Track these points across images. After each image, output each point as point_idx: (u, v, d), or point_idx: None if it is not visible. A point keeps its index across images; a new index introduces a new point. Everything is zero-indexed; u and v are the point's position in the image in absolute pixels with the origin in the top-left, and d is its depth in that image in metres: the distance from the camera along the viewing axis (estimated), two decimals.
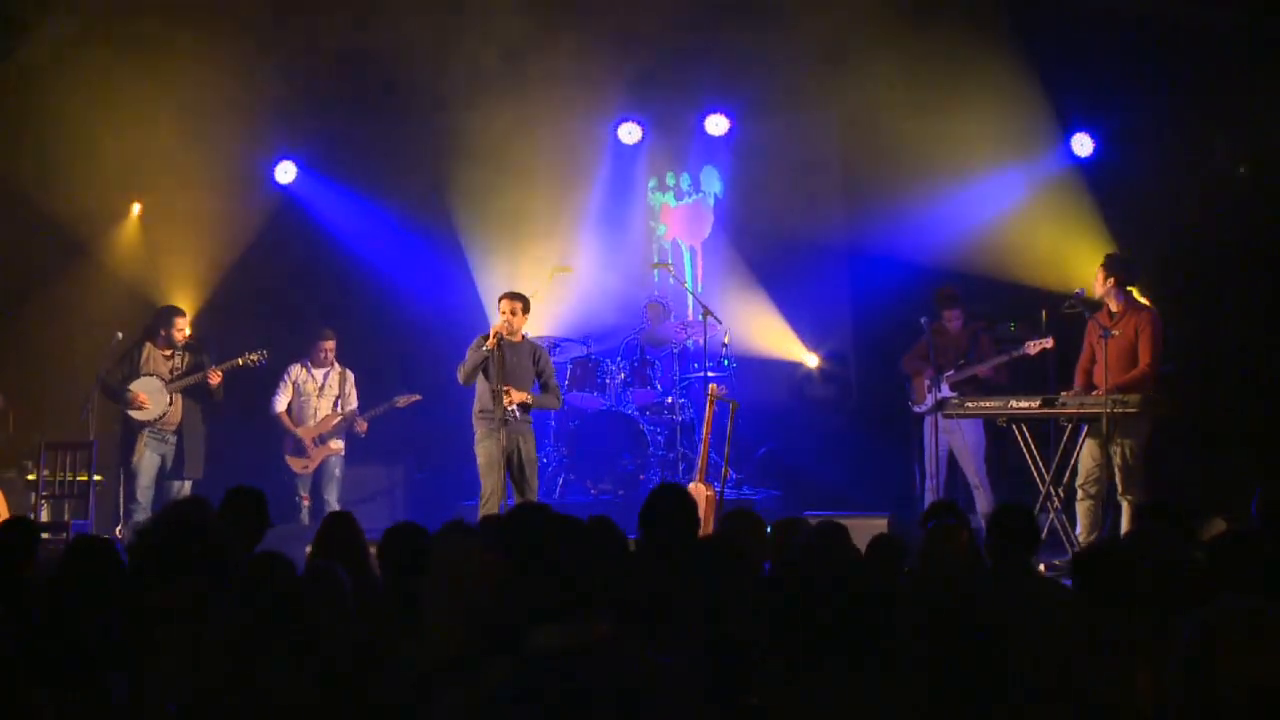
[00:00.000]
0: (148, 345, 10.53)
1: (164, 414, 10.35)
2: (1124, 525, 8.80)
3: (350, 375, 11.26)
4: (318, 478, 11.07)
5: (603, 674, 3.04)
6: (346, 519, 5.72)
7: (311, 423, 11.06)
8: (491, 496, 9.21)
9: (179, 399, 10.41)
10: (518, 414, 9.30)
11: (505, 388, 9.22)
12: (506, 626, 3.45)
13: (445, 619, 3.84)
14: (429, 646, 3.80)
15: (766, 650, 3.80)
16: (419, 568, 4.29)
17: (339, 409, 11.12)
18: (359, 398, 11.24)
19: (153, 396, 10.35)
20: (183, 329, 10.57)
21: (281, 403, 11.07)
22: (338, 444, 11.13)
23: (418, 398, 11.37)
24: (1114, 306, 9.28)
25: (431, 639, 3.82)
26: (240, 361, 10.46)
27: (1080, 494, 9.19)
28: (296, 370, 11.15)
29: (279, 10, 10.98)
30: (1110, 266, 9.37)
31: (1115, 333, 9.12)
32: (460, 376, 9.46)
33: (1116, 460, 9.00)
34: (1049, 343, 9.83)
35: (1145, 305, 9.49)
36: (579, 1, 11.85)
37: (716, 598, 4.34)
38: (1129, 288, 9.39)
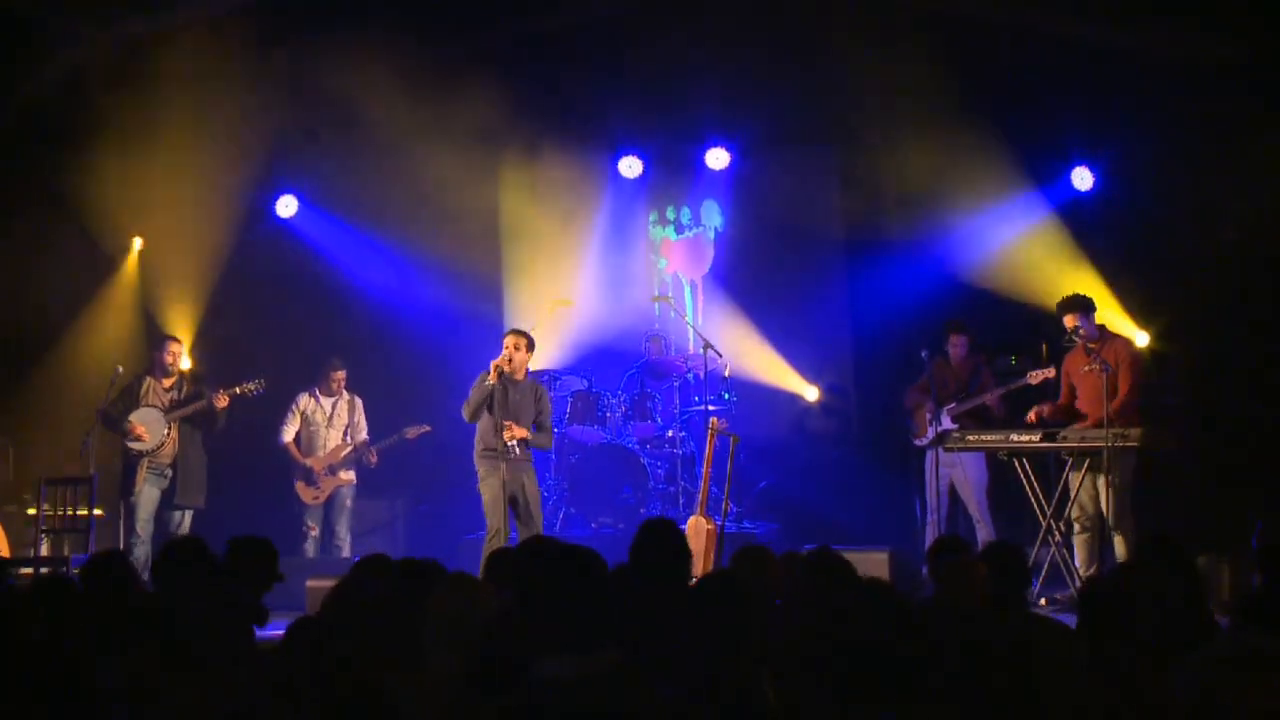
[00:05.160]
0: (147, 378, 10.53)
1: (161, 444, 10.33)
2: (1119, 558, 8.77)
3: (359, 403, 11.25)
4: (328, 509, 11.05)
5: (609, 705, 3.05)
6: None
7: (322, 453, 11.05)
8: (497, 535, 9.20)
9: (176, 429, 10.40)
10: (518, 450, 9.32)
11: (506, 423, 9.23)
12: (508, 663, 3.45)
13: (445, 662, 3.84)
14: (429, 688, 3.79)
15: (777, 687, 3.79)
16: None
17: (349, 438, 11.11)
18: (367, 428, 11.24)
19: (150, 427, 10.34)
20: (174, 353, 10.56)
21: (289, 433, 11.06)
22: (348, 475, 11.11)
23: (427, 429, 11.37)
24: (1091, 342, 9.30)
25: (432, 682, 3.81)
26: (238, 390, 10.45)
27: (1077, 527, 9.19)
28: (305, 400, 11.14)
29: (280, 44, 11.02)
30: (1065, 307, 9.41)
31: (1097, 367, 9.15)
32: (466, 414, 9.47)
33: (1108, 494, 8.99)
34: (1051, 372, 9.84)
35: (1116, 334, 9.56)
36: (580, 36, 11.92)
37: (722, 632, 4.33)
38: (1095, 320, 9.42)
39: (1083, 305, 9.41)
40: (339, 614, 4.48)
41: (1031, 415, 9.47)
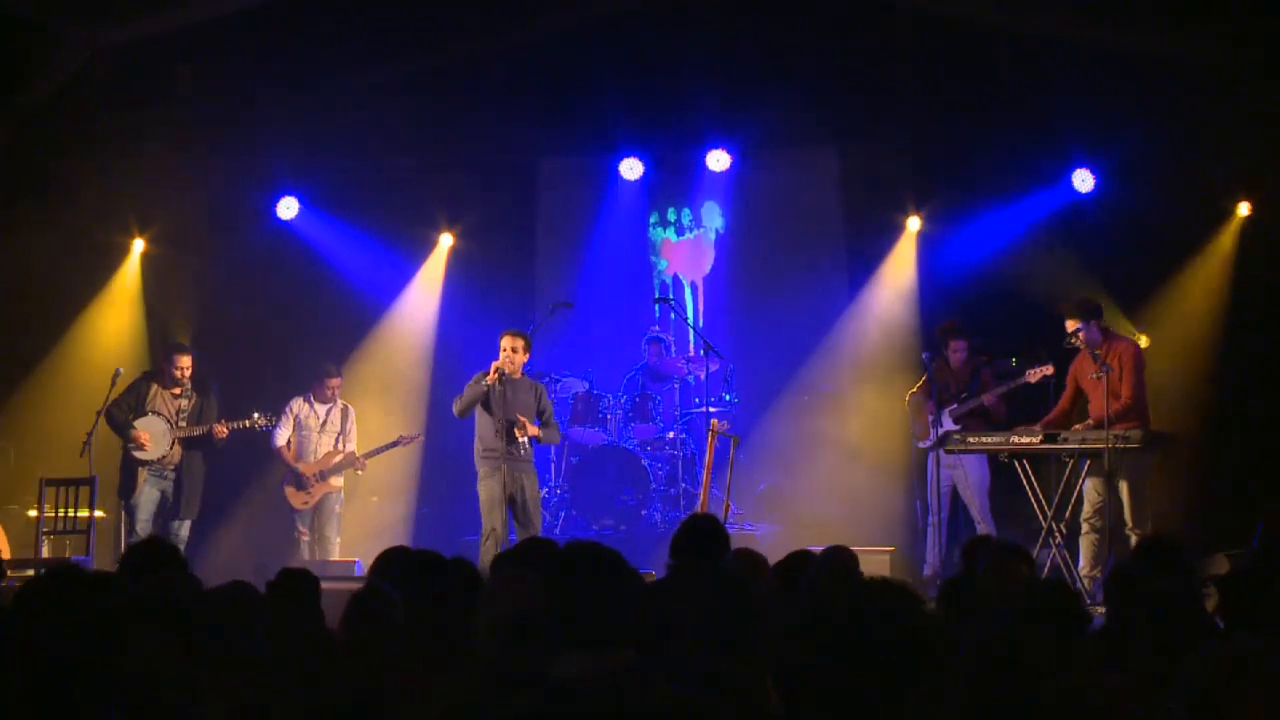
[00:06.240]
0: (154, 385, 10.52)
1: (164, 455, 10.36)
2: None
3: (352, 411, 11.25)
4: (318, 514, 11.04)
5: (625, 703, 3.05)
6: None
7: (313, 458, 11.04)
8: (491, 535, 9.21)
9: (180, 442, 10.41)
10: (526, 447, 9.35)
11: (520, 419, 9.25)
12: (530, 661, 3.46)
13: (488, 649, 3.86)
14: (461, 679, 3.81)
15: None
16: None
17: (340, 446, 11.09)
18: (359, 435, 11.24)
19: (155, 438, 10.35)
20: (183, 367, 10.54)
21: (282, 436, 11.03)
22: (338, 481, 11.11)
23: (420, 437, 11.38)
24: (1097, 348, 9.30)
25: (469, 670, 3.83)
26: (247, 424, 10.48)
27: (1085, 527, 9.20)
28: (299, 404, 11.13)
29: (282, 45, 11.03)
30: (1069, 311, 9.41)
31: (1113, 368, 9.15)
32: (456, 409, 9.49)
33: (1124, 496, 9.01)
34: (1049, 369, 9.84)
35: (1121, 336, 9.54)
36: (581, 39, 11.92)
37: (727, 632, 4.34)
38: (1101, 323, 9.40)
39: (1085, 311, 9.37)
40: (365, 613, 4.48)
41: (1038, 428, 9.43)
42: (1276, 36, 10.39)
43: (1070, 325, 9.36)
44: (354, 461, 11.08)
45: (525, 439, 9.31)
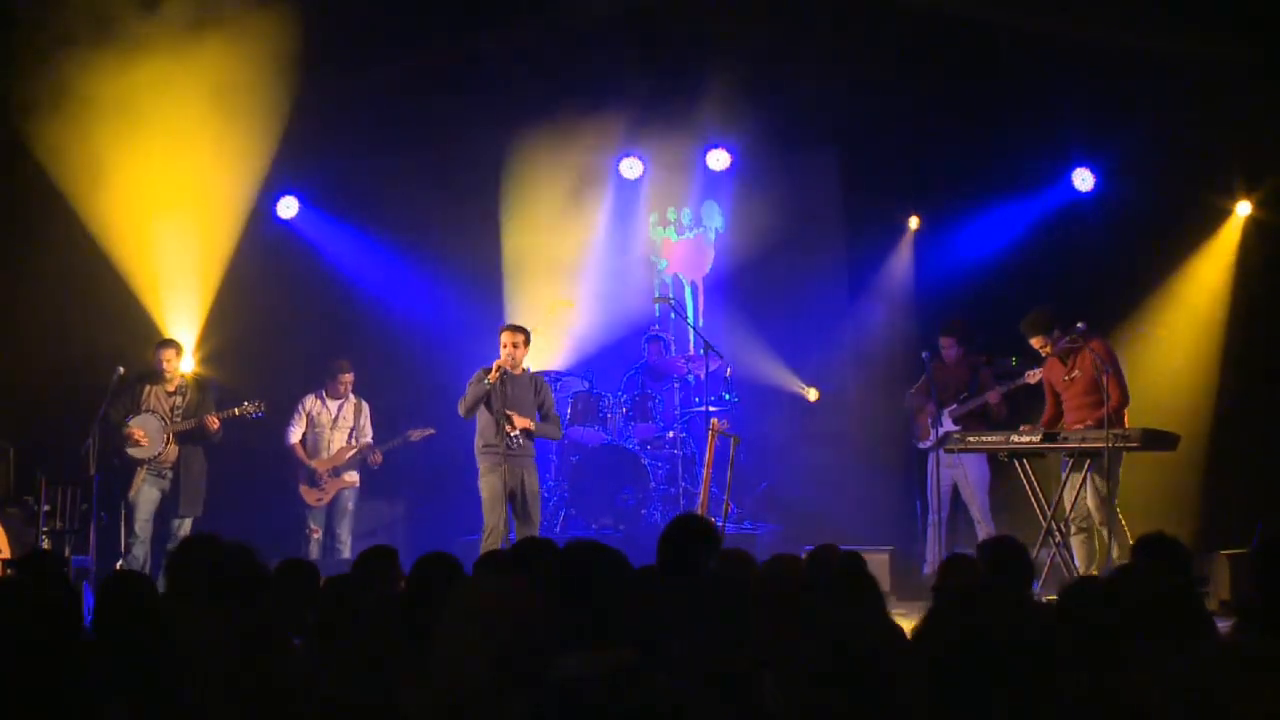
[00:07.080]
0: (148, 384, 10.51)
1: (161, 452, 10.35)
2: (1114, 558, 8.76)
3: (365, 406, 11.26)
4: (330, 511, 11.05)
5: (628, 701, 3.06)
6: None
7: (326, 455, 11.05)
8: (493, 532, 9.24)
9: (175, 438, 10.41)
10: (520, 440, 9.36)
11: (508, 413, 9.27)
12: (531, 659, 3.47)
13: (466, 654, 3.85)
14: (448, 682, 3.81)
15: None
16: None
17: (354, 441, 11.11)
18: (372, 431, 11.24)
19: (150, 435, 10.33)
20: (170, 361, 10.52)
21: (295, 434, 11.05)
22: (352, 476, 11.11)
23: (431, 431, 11.37)
24: (1067, 353, 9.31)
25: (451, 674, 3.83)
26: (237, 412, 10.43)
27: (1073, 529, 9.21)
28: (310, 401, 11.14)
29: (281, 44, 11.03)
30: (1029, 330, 9.40)
31: (1077, 373, 9.17)
32: (461, 410, 9.53)
33: (1090, 495, 9.01)
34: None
35: (1093, 334, 9.50)
36: (580, 38, 11.92)
37: (726, 630, 4.34)
38: (1062, 327, 9.36)
39: (1044, 325, 9.36)
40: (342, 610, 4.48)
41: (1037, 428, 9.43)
42: (1276, 36, 10.39)
43: (1036, 342, 9.37)
44: (368, 452, 11.08)
45: (515, 432, 9.33)
